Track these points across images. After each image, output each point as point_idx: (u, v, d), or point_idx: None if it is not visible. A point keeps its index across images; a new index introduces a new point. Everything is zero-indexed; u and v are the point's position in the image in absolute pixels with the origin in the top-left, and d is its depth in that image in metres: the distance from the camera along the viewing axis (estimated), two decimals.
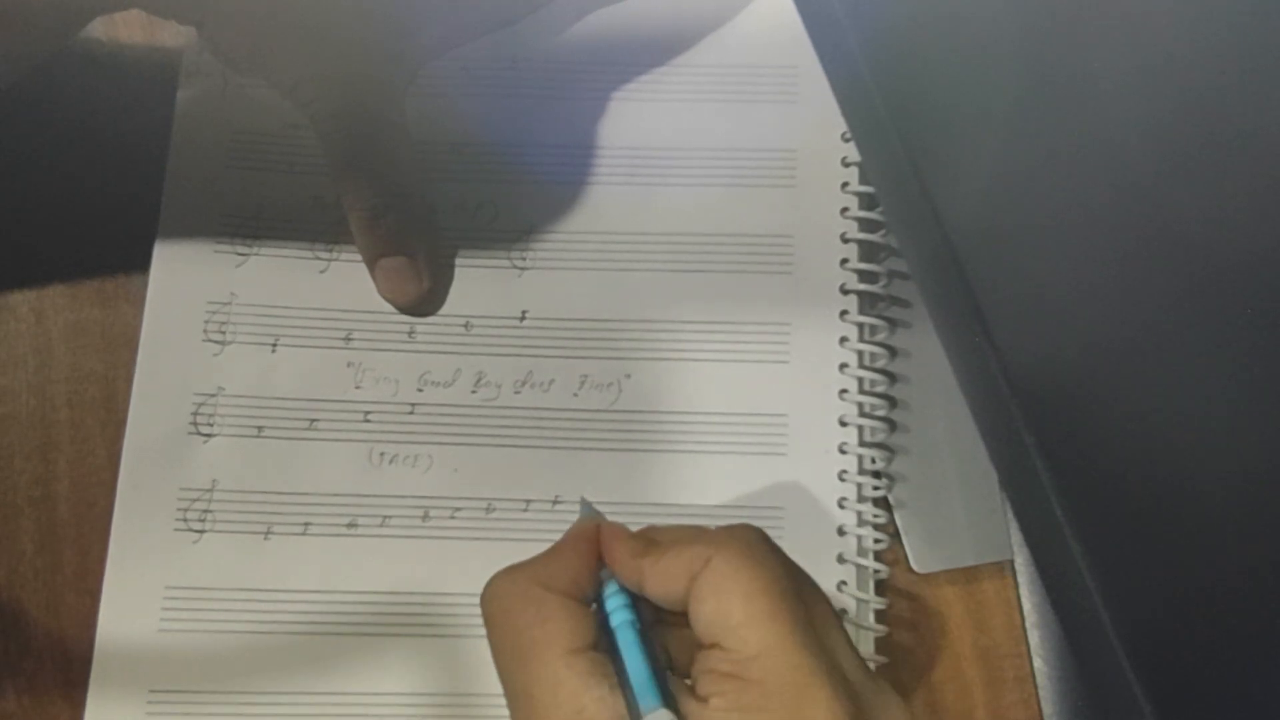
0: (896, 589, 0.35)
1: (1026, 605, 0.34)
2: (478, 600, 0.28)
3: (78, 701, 0.34)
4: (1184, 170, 0.28)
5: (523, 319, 0.37)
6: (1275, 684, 0.26)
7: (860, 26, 0.31)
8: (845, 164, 0.38)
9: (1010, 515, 0.34)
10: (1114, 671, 0.26)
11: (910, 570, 0.35)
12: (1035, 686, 0.34)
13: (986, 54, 0.31)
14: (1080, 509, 0.27)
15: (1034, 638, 0.34)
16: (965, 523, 0.35)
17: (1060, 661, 0.34)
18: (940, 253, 0.29)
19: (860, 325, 0.36)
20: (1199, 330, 0.27)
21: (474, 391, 0.36)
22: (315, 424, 0.36)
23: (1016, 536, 0.34)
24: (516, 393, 0.36)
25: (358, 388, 0.36)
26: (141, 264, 0.37)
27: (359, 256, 0.37)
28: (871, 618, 0.34)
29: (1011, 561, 0.35)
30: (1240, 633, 0.26)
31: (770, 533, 0.34)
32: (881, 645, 0.34)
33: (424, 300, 0.37)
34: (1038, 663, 0.34)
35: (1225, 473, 0.27)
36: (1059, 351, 0.29)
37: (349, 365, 0.36)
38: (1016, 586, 0.35)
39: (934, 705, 0.35)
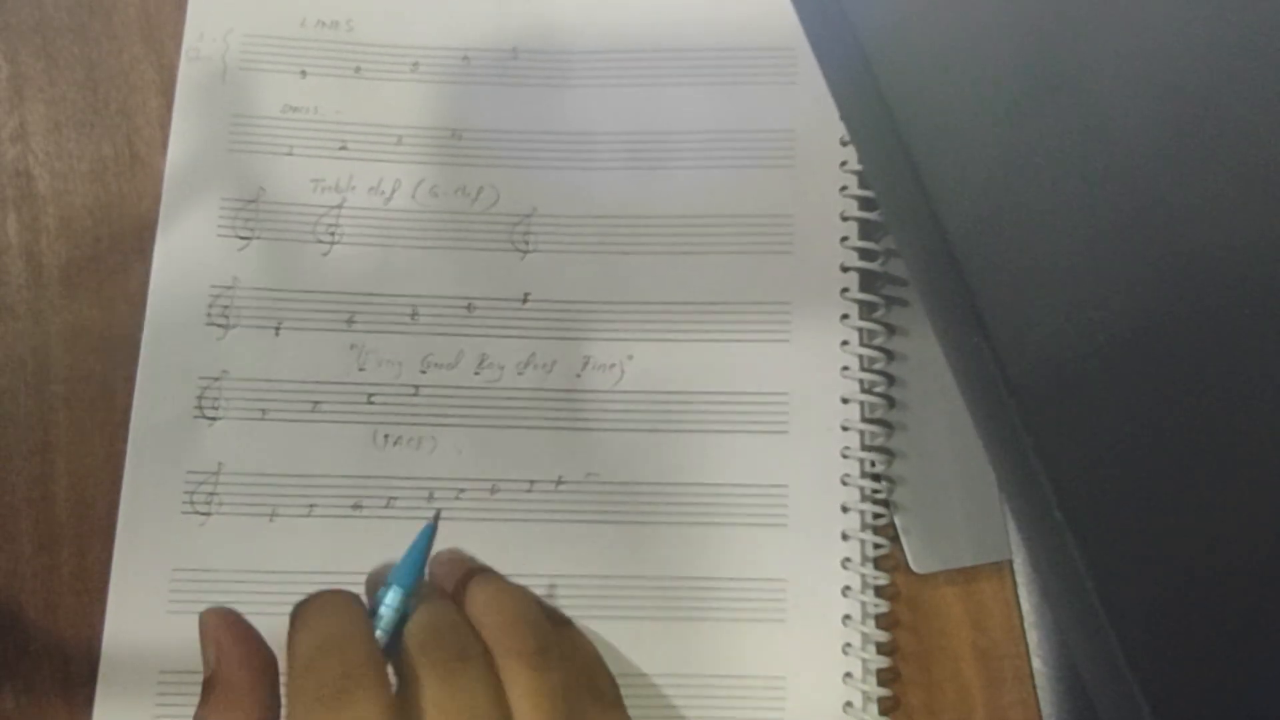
0: (896, 589, 0.35)
1: (1025, 605, 0.34)
2: None
3: (77, 701, 0.34)
4: (1186, 169, 0.28)
5: (525, 301, 0.37)
6: (1275, 685, 0.26)
7: (859, 19, 0.31)
8: (843, 143, 0.38)
9: (1009, 516, 0.34)
10: (1112, 672, 0.26)
11: (909, 570, 0.35)
12: (1034, 687, 0.34)
13: (986, 49, 0.30)
14: (1078, 510, 0.27)
15: (1033, 638, 0.34)
16: (964, 523, 0.35)
17: (1059, 662, 0.33)
18: (938, 254, 0.29)
19: (860, 302, 0.37)
20: (1200, 330, 0.27)
21: (477, 373, 0.37)
22: (319, 406, 0.36)
23: (1015, 537, 0.34)
24: (519, 374, 0.37)
25: (361, 370, 0.36)
26: (141, 264, 0.37)
27: (361, 240, 0.37)
28: (873, 620, 0.34)
29: (1010, 562, 0.35)
30: (1239, 633, 0.26)
31: (775, 510, 0.35)
32: (880, 645, 0.35)
33: None
34: (1036, 663, 0.34)
35: (1225, 473, 0.27)
36: (1057, 353, 0.28)
37: (352, 348, 0.37)
38: (1015, 587, 0.34)
39: (933, 705, 0.35)
